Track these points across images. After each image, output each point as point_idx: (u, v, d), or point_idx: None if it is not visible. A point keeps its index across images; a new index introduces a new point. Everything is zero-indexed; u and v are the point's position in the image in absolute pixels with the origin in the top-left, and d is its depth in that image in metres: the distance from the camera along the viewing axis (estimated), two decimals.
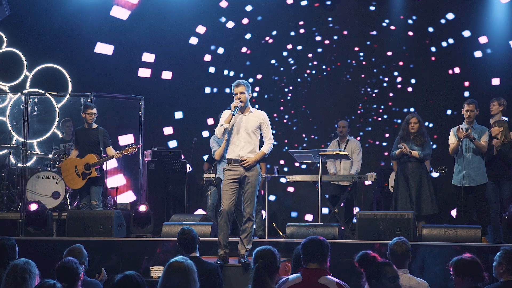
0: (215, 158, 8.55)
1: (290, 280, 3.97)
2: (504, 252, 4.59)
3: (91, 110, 8.36)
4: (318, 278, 3.90)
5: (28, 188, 8.91)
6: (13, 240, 5.15)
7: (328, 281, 3.89)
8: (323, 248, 4.05)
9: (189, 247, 5.34)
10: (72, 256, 4.78)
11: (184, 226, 5.50)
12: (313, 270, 3.98)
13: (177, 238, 5.43)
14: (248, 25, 11.18)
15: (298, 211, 10.81)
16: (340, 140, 9.35)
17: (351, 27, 11.10)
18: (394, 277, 3.77)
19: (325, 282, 3.88)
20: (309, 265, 4.02)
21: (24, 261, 4.06)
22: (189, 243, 5.34)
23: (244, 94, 6.50)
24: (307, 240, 4.12)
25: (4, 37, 10.86)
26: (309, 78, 11.19)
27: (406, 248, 4.80)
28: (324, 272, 3.97)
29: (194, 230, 5.40)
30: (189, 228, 5.43)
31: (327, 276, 3.93)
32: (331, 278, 3.93)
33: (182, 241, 5.36)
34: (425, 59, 10.78)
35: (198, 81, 11.18)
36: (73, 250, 5.12)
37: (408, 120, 8.14)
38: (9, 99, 10.35)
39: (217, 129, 6.57)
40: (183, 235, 5.36)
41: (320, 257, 4.02)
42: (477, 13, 10.51)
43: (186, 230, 5.38)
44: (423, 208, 7.87)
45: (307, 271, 4.00)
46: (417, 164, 7.98)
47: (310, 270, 3.99)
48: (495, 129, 7.66)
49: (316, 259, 4.01)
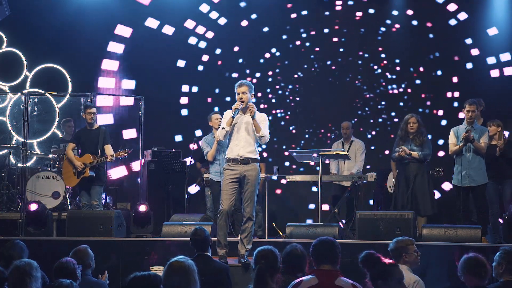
0: (207, 159, 8.56)
1: (305, 281, 3.88)
2: (504, 252, 4.59)
3: (89, 110, 8.36)
4: (334, 280, 3.84)
5: (28, 188, 8.91)
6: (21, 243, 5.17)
7: (344, 282, 3.84)
8: (335, 249, 3.99)
9: (201, 246, 5.38)
10: (78, 257, 4.80)
11: (197, 227, 5.57)
12: (328, 271, 3.91)
13: (190, 238, 5.48)
14: (248, 24, 11.17)
15: (298, 211, 10.81)
16: (344, 141, 9.35)
17: (351, 26, 11.10)
18: (400, 278, 3.77)
19: (341, 284, 3.82)
20: (322, 267, 3.95)
21: (26, 263, 4.04)
22: (202, 243, 5.39)
23: (246, 95, 6.51)
24: (318, 241, 4.05)
25: (4, 37, 10.87)
26: (309, 78, 11.20)
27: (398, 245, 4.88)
28: (338, 273, 3.92)
29: (206, 231, 5.47)
30: (202, 228, 5.49)
31: (342, 278, 3.88)
32: (346, 279, 3.88)
33: (194, 241, 5.40)
34: (425, 58, 10.79)
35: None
36: (79, 250, 5.12)
37: (407, 120, 8.14)
38: (9, 99, 10.35)
39: (219, 131, 6.58)
40: (195, 235, 5.41)
41: (332, 258, 3.96)
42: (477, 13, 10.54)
43: (199, 230, 5.44)
44: (422, 209, 7.87)
45: (321, 272, 3.92)
46: (417, 164, 7.97)
47: (324, 272, 3.92)
48: (493, 128, 7.67)
49: (329, 261, 3.95)
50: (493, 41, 10.48)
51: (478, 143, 7.65)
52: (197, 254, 5.29)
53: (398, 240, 4.91)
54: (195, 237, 5.39)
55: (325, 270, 3.93)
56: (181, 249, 6.73)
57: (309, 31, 11.19)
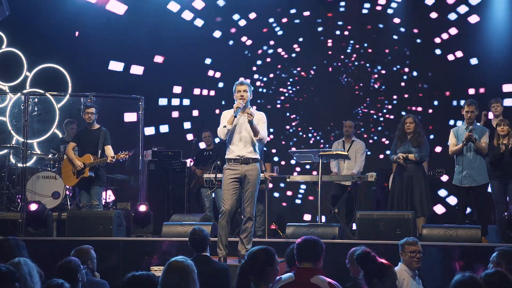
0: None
1: (283, 279, 3.96)
2: (502, 252, 4.55)
3: (88, 110, 8.37)
4: (310, 278, 3.90)
5: (28, 188, 8.91)
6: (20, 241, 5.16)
7: (320, 280, 3.89)
8: (316, 248, 4.04)
9: (200, 246, 5.33)
10: (78, 256, 4.79)
11: (195, 227, 5.54)
12: (306, 269, 3.98)
13: (188, 238, 5.44)
14: (247, 23, 11.18)
15: (298, 211, 10.81)
16: (345, 140, 9.34)
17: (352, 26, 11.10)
18: (395, 279, 3.84)
19: (317, 282, 3.88)
20: (303, 265, 4.02)
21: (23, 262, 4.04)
22: (200, 243, 5.33)
23: (247, 93, 6.51)
24: (301, 240, 4.11)
25: (4, 37, 10.86)
26: (310, 77, 11.20)
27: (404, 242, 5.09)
28: (316, 271, 3.96)
29: (205, 231, 5.41)
30: (200, 228, 5.45)
31: (319, 276, 3.93)
32: (323, 277, 3.93)
33: (193, 241, 5.36)
34: (425, 58, 10.78)
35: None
36: (80, 250, 5.11)
37: (403, 120, 8.14)
38: (9, 99, 10.34)
39: (220, 130, 6.54)
40: (193, 235, 5.37)
41: (313, 257, 4.02)
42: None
43: (197, 230, 5.39)
44: (419, 209, 7.86)
45: (300, 270, 3.99)
46: (414, 165, 7.96)
47: (303, 270, 3.99)
48: (506, 128, 7.58)
49: (310, 259, 4.01)
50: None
51: (480, 144, 7.64)
52: (196, 254, 5.28)
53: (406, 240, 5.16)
54: (194, 236, 5.36)
55: (304, 268, 4.00)
56: (181, 249, 6.74)
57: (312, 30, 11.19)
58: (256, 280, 3.76)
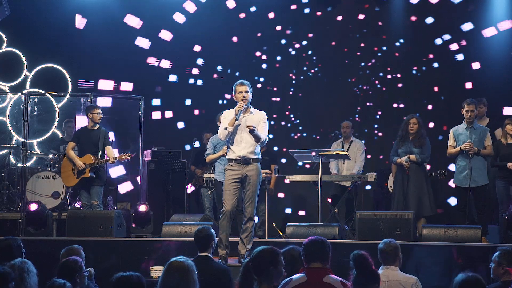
0: (205, 160, 8.56)
1: (295, 279, 3.98)
2: (504, 252, 4.56)
3: (98, 110, 8.36)
4: (322, 277, 3.94)
5: (28, 188, 8.91)
6: (19, 240, 5.15)
7: (333, 279, 3.94)
8: (325, 248, 4.08)
9: (201, 244, 5.25)
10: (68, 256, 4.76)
11: (204, 225, 5.50)
12: (317, 269, 4.01)
13: (194, 235, 5.35)
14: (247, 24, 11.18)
15: (298, 211, 10.81)
16: (344, 141, 9.35)
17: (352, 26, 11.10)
18: (378, 286, 4.02)
19: (329, 281, 3.92)
20: (312, 265, 4.04)
21: (21, 261, 4.07)
22: (202, 239, 5.23)
23: (249, 94, 6.52)
24: (309, 241, 4.14)
25: (4, 37, 10.85)
26: (309, 77, 11.20)
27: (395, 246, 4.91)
28: (327, 271, 4.01)
29: (211, 229, 5.32)
30: (206, 227, 5.38)
31: (331, 275, 3.97)
32: (335, 277, 3.97)
33: (196, 239, 5.29)
34: (425, 58, 10.78)
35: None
36: (71, 249, 5.06)
37: (407, 121, 8.14)
38: (9, 99, 10.34)
39: (221, 132, 6.54)
40: (198, 232, 5.28)
41: (322, 257, 4.05)
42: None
43: (202, 228, 5.31)
44: (422, 209, 7.86)
45: (311, 270, 4.01)
46: (415, 166, 7.96)
47: (313, 270, 4.01)
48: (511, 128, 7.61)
49: (319, 259, 4.04)
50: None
51: (484, 150, 7.63)
52: (197, 255, 5.26)
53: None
54: (198, 233, 5.27)
55: (315, 268, 4.03)
56: (181, 249, 6.75)
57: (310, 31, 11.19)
58: (259, 280, 3.77)
